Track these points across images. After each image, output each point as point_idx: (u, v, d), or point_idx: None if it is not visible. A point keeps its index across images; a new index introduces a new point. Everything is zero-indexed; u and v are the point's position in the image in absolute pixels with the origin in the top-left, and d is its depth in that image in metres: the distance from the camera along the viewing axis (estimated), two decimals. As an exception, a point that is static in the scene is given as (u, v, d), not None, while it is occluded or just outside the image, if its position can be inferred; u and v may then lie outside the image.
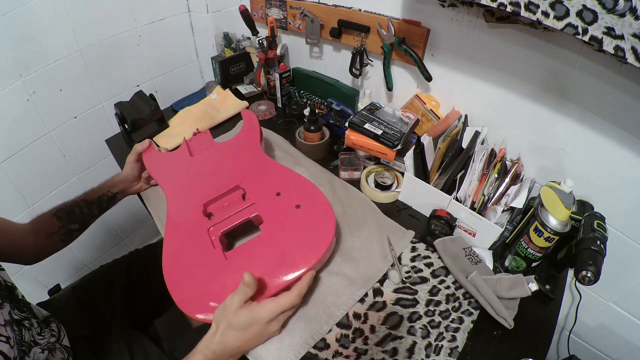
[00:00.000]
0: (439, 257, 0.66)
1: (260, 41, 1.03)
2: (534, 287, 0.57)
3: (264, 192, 0.64)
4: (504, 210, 0.65)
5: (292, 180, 0.66)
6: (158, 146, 0.81)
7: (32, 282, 1.15)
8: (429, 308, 0.58)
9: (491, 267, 0.64)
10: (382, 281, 0.62)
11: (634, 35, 0.41)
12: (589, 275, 0.50)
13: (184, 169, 0.74)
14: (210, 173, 0.72)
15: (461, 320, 0.57)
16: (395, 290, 0.61)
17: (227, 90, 1.14)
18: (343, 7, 0.90)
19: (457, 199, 0.68)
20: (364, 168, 0.84)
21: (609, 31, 0.43)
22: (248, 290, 0.48)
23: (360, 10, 0.87)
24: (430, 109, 0.85)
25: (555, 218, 0.56)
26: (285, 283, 0.53)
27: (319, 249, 0.55)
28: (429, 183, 0.72)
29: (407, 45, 0.79)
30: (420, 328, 0.56)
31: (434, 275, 0.63)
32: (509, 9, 0.50)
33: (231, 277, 0.54)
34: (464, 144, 0.75)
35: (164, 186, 0.71)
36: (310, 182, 0.64)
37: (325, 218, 0.58)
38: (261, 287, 0.52)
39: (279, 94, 1.10)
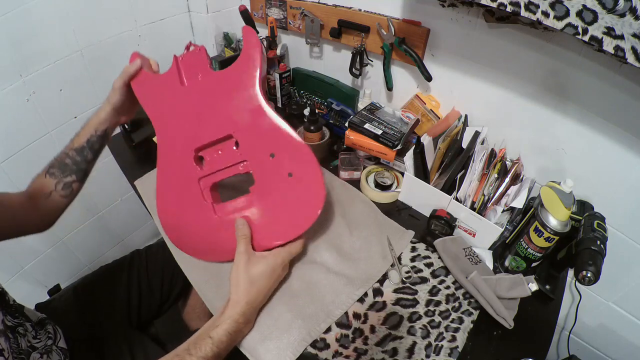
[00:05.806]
0: (439, 257, 0.66)
1: (260, 41, 1.03)
2: (534, 287, 0.57)
3: (258, 148, 0.60)
4: (504, 210, 0.66)
5: (288, 141, 0.58)
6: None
7: (32, 282, 1.14)
8: (429, 308, 0.58)
9: (491, 267, 0.64)
10: (382, 281, 0.62)
11: (634, 35, 0.41)
12: (589, 275, 0.50)
13: (174, 101, 0.66)
14: (202, 112, 0.64)
15: (461, 320, 0.57)
16: (395, 290, 0.61)
17: (227, 90, 1.14)
18: (343, 7, 0.90)
19: (457, 199, 0.68)
20: (364, 168, 0.84)
21: (609, 31, 0.43)
22: (245, 230, 0.57)
23: (360, 10, 0.87)
24: (430, 109, 0.85)
25: (555, 218, 0.56)
26: (267, 248, 0.58)
27: (302, 224, 0.58)
28: (429, 183, 0.72)
29: (407, 45, 0.79)
30: (420, 328, 0.56)
31: (434, 275, 0.63)
32: (509, 9, 0.50)
33: (221, 234, 0.60)
34: (464, 144, 0.75)
35: (154, 121, 0.67)
36: (307, 146, 0.58)
37: (315, 194, 0.57)
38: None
39: (279, 94, 1.10)
